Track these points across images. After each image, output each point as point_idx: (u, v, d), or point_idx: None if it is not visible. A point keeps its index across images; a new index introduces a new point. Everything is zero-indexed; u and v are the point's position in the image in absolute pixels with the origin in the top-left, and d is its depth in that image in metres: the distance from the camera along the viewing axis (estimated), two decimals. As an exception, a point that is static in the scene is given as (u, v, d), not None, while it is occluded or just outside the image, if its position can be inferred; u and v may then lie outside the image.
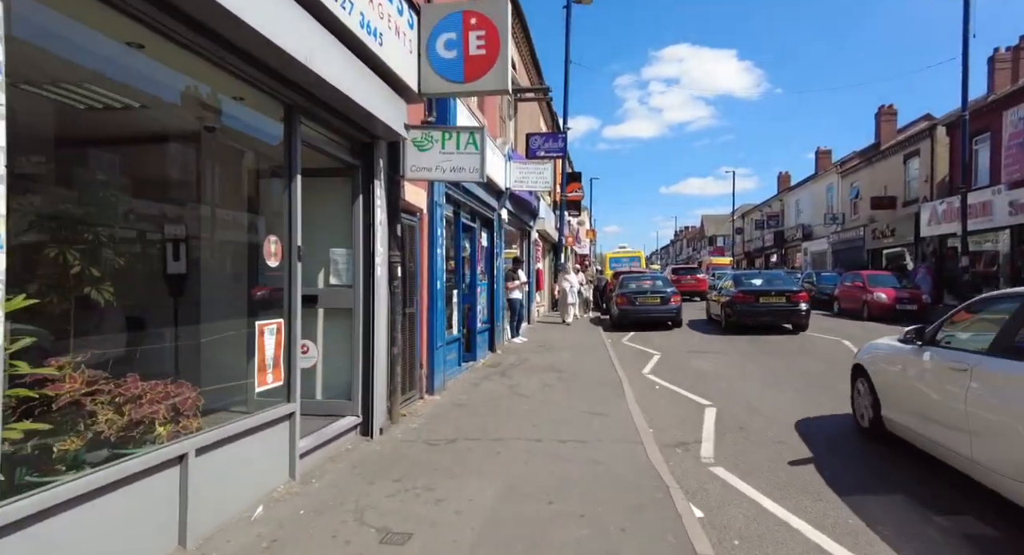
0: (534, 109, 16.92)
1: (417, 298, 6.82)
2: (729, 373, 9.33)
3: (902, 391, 4.99)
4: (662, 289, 15.95)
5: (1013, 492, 3.42)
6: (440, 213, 7.28)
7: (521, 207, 13.63)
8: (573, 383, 8.21)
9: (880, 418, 5.30)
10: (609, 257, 31.76)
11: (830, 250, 35.59)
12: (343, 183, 5.30)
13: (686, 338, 14.06)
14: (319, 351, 5.35)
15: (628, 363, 10.27)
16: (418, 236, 6.87)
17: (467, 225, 9.33)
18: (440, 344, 7.23)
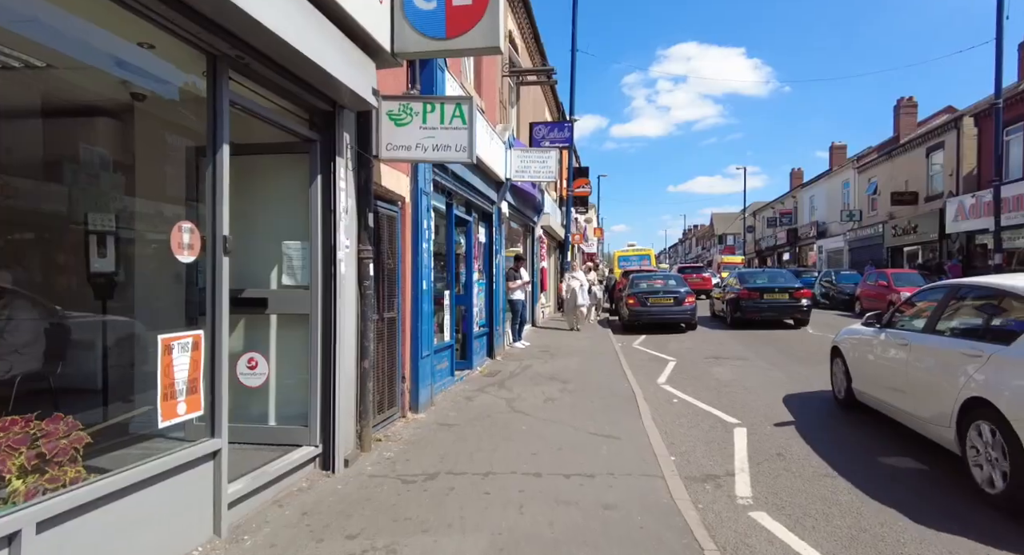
0: (538, 97, 15.93)
1: (398, 301, 5.88)
2: (754, 383, 8.33)
3: (866, 366, 6.07)
4: (675, 289, 14.93)
5: (934, 434, 4.70)
6: (427, 203, 6.33)
7: (524, 201, 12.66)
8: (580, 396, 7.24)
9: (852, 391, 6.37)
10: (618, 255, 30.67)
11: (847, 248, 34.37)
12: (298, 162, 4.36)
13: (702, 342, 13.05)
14: (271, 366, 4.41)
15: (641, 371, 9.28)
16: (399, 229, 5.92)
17: (461, 218, 8.38)
18: (427, 353, 6.29)
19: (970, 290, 4.98)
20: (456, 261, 8.30)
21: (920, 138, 26.63)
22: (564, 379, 8.29)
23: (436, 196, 7.14)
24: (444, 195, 7.47)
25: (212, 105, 3.23)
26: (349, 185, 4.61)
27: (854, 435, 5.69)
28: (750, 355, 10.81)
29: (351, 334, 4.64)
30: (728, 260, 45.83)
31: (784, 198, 47.61)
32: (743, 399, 7.35)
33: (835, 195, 37.09)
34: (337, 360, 4.35)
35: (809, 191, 42.31)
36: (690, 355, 11.12)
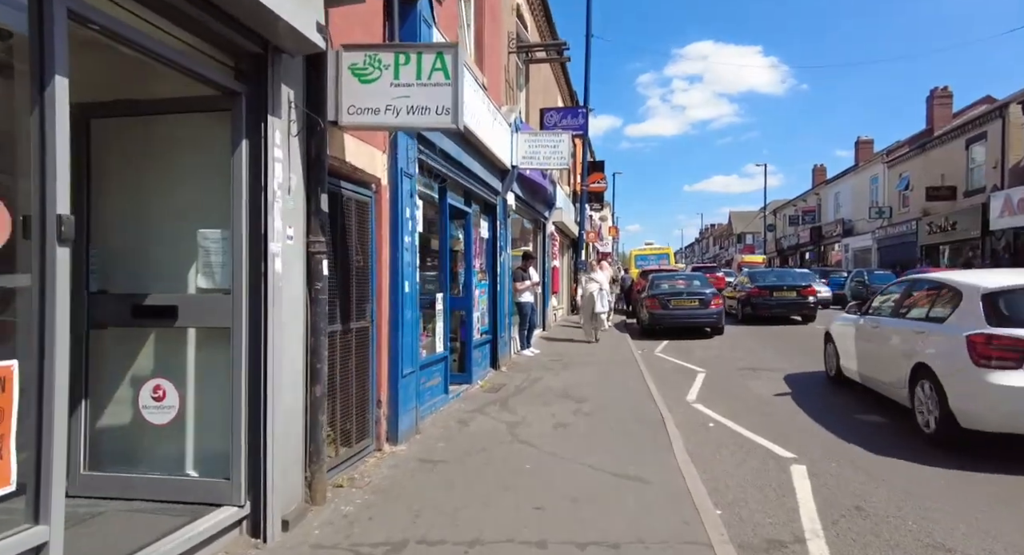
0: (549, 83, 14.75)
1: (372, 307, 4.75)
2: (800, 401, 7.08)
3: (850, 346, 7.23)
4: (700, 290, 13.66)
5: (895, 395, 6.06)
6: (410, 187, 5.20)
7: (534, 193, 11.49)
8: (597, 420, 6.06)
9: (840, 368, 7.57)
10: (634, 254, 29.32)
11: (875, 246, 32.71)
12: (217, 123, 3.24)
13: (731, 348, 11.77)
14: (188, 397, 3.30)
15: (667, 385, 8.06)
16: (373, 218, 4.79)
17: (458, 209, 7.23)
18: (410, 370, 5.15)
19: (923, 283, 6.46)
20: (452, 259, 7.17)
21: (958, 129, 25.00)
22: (578, 397, 7.10)
23: (425, 180, 6.01)
24: (435, 180, 6.33)
25: (35, 18, 2.11)
26: (291, 156, 3.48)
27: (831, 400, 7.12)
28: (789, 367, 9.52)
29: (293, 352, 3.51)
30: (749, 259, 44.23)
31: (807, 195, 45.88)
32: (793, 423, 6.11)
33: (862, 191, 35.40)
34: (270, 388, 3.22)
35: (834, 188, 40.61)
36: (720, 365, 9.87)
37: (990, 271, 8.01)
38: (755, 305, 16.03)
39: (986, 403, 4.73)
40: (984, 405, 4.75)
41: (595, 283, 12.16)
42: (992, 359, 4.72)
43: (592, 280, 12.34)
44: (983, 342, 4.78)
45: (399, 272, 4.97)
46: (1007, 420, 4.68)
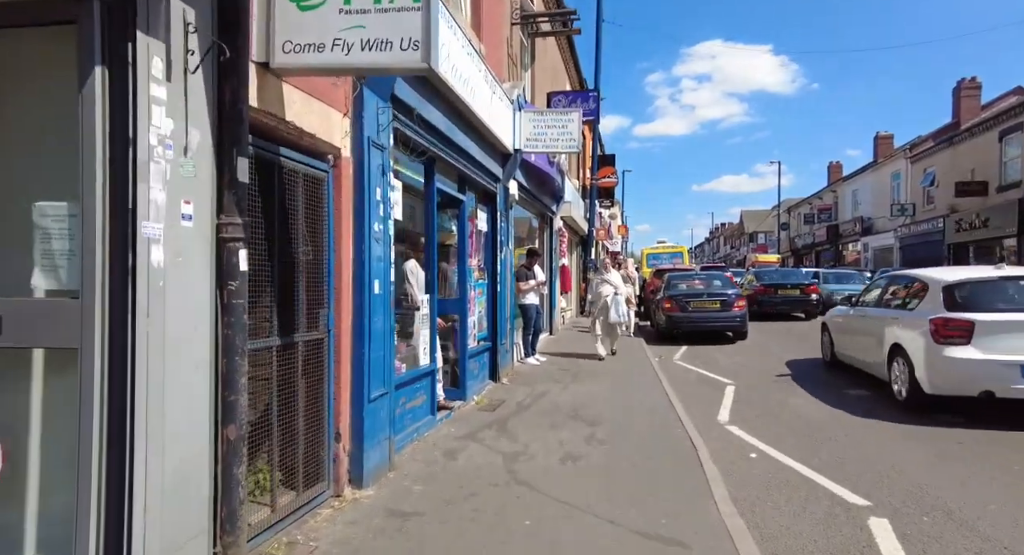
0: (558, 67, 13.65)
1: (328, 313, 3.69)
2: (854, 423, 5.97)
3: (842, 334, 8.59)
4: (722, 291, 12.52)
5: (877, 372, 7.08)
6: (382, 161, 4.14)
7: (540, 184, 10.40)
8: (615, 449, 4.97)
9: (834, 354, 8.86)
10: (646, 253, 28.11)
11: (897, 245, 31.30)
12: (58, 42, 2.19)
13: (758, 355, 10.63)
14: (29, 449, 2.26)
15: (693, 401, 6.97)
16: (330, 199, 3.74)
17: (451, 196, 6.17)
18: (381, 392, 4.09)
19: (901, 278, 7.47)
20: (441, 254, 6.10)
21: (990, 121, 23.66)
22: (591, 417, 6.02)
23: (404, 157, 4.96)
24: (420, 158, 5.27)
25: None
26: (190, 102, 2.43)
27: (827, 379, 8.19)
28: (830, 380, 8.38)
29: (192, 381, 2.46)
30: (763, 259, 42.95)
31: (822, 193, 44.44)
32: (855, 454, 5.00)
33: (882, 188, 33.99)
34: (147, 434, 2.18)
35: (851, 185, 39.20)
36: (749, 375, 8.74)
37: (953, 268, 9.08)
38: (761, 303, 16.56)
39: (943, 372, 5.86)
40: (942, 374, 5.88)
41: (608, 285, 9.88)
42: (948, 337, 5.83)
43: (605, 281, 9.99)
44: (942, 324, 5.91)
45: (366, 268, 3.91)
46: (959, 385, 5.83)
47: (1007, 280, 6.23)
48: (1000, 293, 6.13)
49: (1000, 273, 6.37)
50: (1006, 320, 5.74)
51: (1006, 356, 5.56)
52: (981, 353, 5.67)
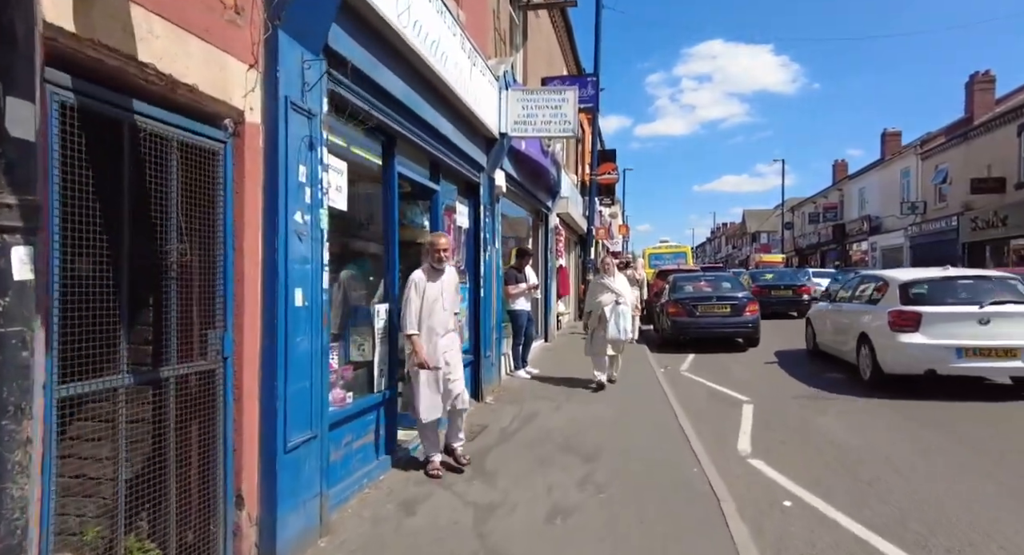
0: (554, 51, 12.65)
1: (225, 334, 2.70)
2: (898, 453, 4.97)
3: (822, 326, 9.79)
4: (732, 294, 11.51)
5: (849, 358, 8.27)
6: (309, 132, 3.14)
7: (533, 176, 9.40)
8: (614, 497, 3.97)
9: (816, 343, 10.06)
10: (648, 253, 27.04)
11: (907, 244, 30.26)
12: None
13: (774, 367, 9.63)
14: None
15: (706, 424, 5.98)
16: (227, 179, 2.74)
17: (419, 185, 5.18)
18: (303, 436, 3.09)
19: (869, 277, 9.01)
20: (409, 254, 5.11)
21: (1009, 114, 22.65)
22: (588, 449, 5.01)
23: (351, 132, 3.97)
24: (375, 135, 4.29)
25: None
26: None
27: (810, 365, 9.40)
28: (857, 389, 7.37)
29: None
30: (767, 259, 41.96)
31: (828, 191, 43.40)
32: (903, 489, 4.00)
33: (891, 186, 32.98)
34: None
35: (858, 183, 38.18)
36: (767, 389, 7.74)
37: (910, 269, 11.01)
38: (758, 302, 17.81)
39: (895, 355, 7.06)
40: (895, 357, 7.08)
41: (608, 293, 7.38)
42: (901, 326, 6.97)
43: (604, 288, 7.44)
44: (897, 315, 7.06)
45: (281, 273, 2.92)
46: (909, 365, 6.97)
47: (949, 279, 7.59)
48: (944, 290, 7.37)
49: (945, 274, 7.84)
50: (946, 312, 6.98)
51: (945, 341, 6.80)
52: (926, 339, 6.89)
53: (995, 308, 6.81)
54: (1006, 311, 6.81)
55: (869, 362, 7.54)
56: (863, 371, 7.75)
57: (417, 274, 4.28)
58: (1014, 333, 6.70)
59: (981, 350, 6.72)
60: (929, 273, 8.04)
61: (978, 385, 7.37)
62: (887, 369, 7.22)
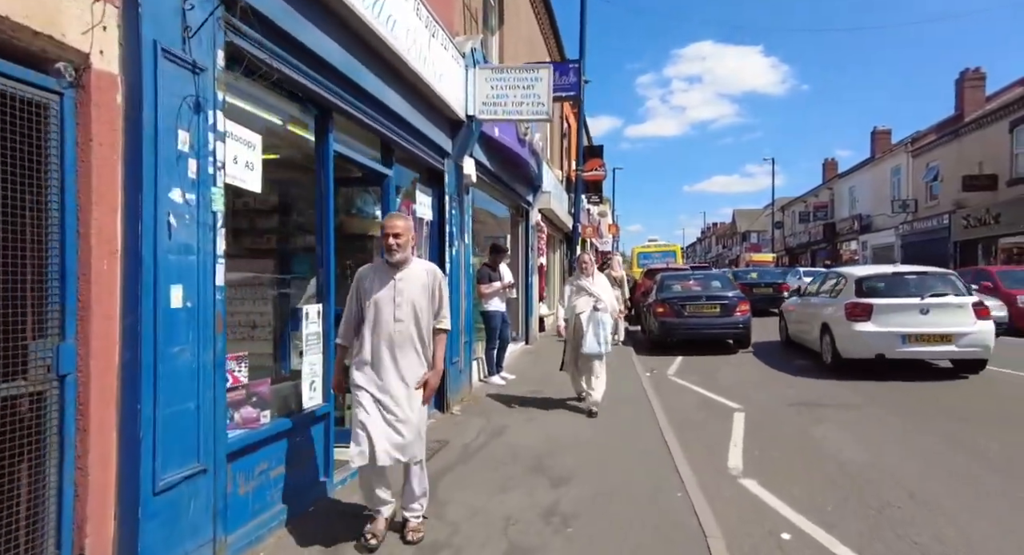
0: (535, 38, 12.02)
1: (64, 344, 2.06)
2: (908, 472, 4.39)
3: (792, 318, 10.65)
4: (722, 294, 10.96)
5: (814, 346, 9.13)
6: (195, 91, 2.51)
7: (510, 167, 8.78)
8: (584, 531, 3.36)
9: (788, 335, 10.91)
10: (637, 252, 26.48)
11: (898, 243, 29.95)
12: None
13: (766, 368, 9.08)
14: None
15: (693, 436, 5.40)
16: (67, 144, 2.09)
17: (368, 169, 4.54)
18: (184, 473, 2.43)
19: (832, 274, 9.97)
20: (355, 248, 4.47)
21: (1000, 111, 22.32)
22: (559, 470, 4.39)
23: (272, 101, 3.33)
24: (307, 107, 3.65)
25: None
26: None
27: (783, 354, 10.25)
28: (856, 397, 6.82)
29: None
30: (757, 258, 41.74)
31: (818, 190, 43.16)
32: (914, 514, 3.42)
33: (882, 184, 32.71)
34: None
35: (848, 181, 37.94)
36: (760, 394, 7.18)
37: (866, 266, 12.59)
38: None
39: (850, 342, 8.02)
40: (850, 343, 8.03)
41: (585, 296, 6.08)
42: (856, 316, 7.91)
43: (581, 290, 6.13)
44: (852, 306, 8.01)
45: (148, 266, 2.28)
46: (862, 350, 7.91)
47: (898, 275, 8.62)
48: (893, 284, 8.27)
49: (895, 270, 9.02)
50: (893, 303, 7.88)
51: (892, 328, 7.71)
52: (876, 327, 7.78)
53: (934, 300, 7.77)
54: (943, 302, 7.76)
55: (830, 348, 8.51)
56: (825, 356, 8.71)
57: (363, 269, 3.34)
58: (949, 321, 7.64)
59: (921, 336, 7.65)
60: (881, 269, 9.27)
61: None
62: (844, 354, 8.14)
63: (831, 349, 8.41)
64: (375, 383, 3.11)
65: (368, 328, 3.15)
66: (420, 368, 3.20)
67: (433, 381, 3.24)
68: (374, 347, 3.12)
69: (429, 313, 3.24)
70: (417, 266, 3.28)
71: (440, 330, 3.30)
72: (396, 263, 3.18)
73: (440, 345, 3.31)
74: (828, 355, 8.55)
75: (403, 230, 3.15)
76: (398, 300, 3.14)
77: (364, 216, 4.94)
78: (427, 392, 3.22)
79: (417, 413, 3.16)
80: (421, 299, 3.19)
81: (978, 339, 7.58)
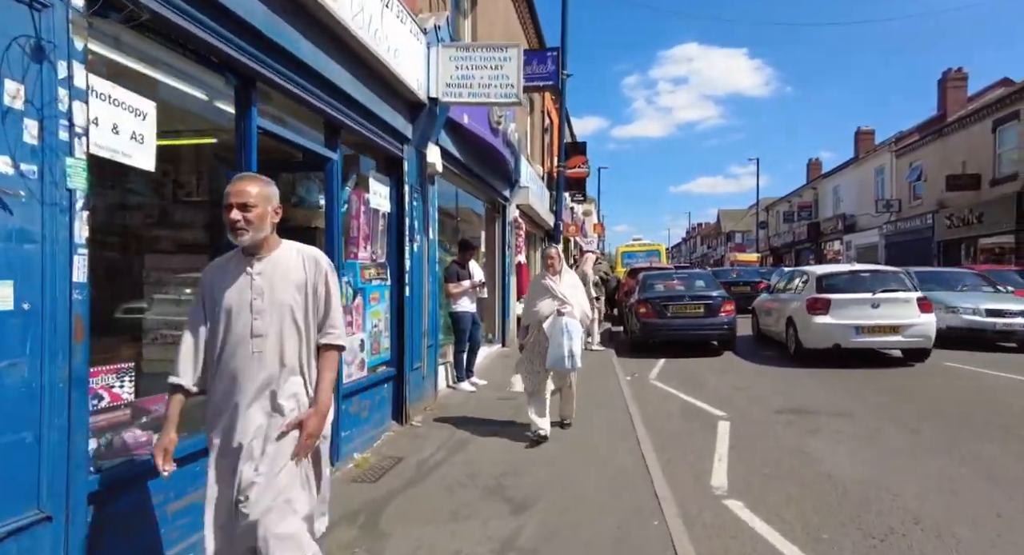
0: (511, 26, 11.50)
1: None
2: (906, 485, 3.96)
3: (763, 314, 11.39)
4: (706, 293, 10.54)
5: (780, 338, 10.07)
6: (39, 30, 1.98)
7: (483, 159, 8.26)
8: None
9: (759, 330, 11.72)
10: (621, 251, 26.08)
11: (882, 243, 29.91)
12: None
13: (753, 372, 8.67)
14: None
15: (675, 450, 4.93)
16: None
17: (306, 151, 4.00)
18: (11, 525, 1.89)
19: (798, 272, 10.74)
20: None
21: (982, 110, 22.26)
22: (522, 493, 3.89)
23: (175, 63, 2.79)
24: (224, 75, 3.11)
25: None
26: None
27: (754, 347, 10.92)
28: (851, 405, 6.41)
29: None
30: (742, 258, 41.62)
31: (802, 190, 43.18)
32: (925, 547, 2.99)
33: (866, 184, 32.71)
34: None
35: (832, 181, 37.95)
36: (746, 402, 6.74)
37: (827, 265, 13.33)
38: None
39: (811, 333, 8.89)
40: (810, 334, 8.91)
41: (550, 298, 5.05)
42: (816, 310, 8.80)
43: (545, 291, 5.11)
44: (812, 301, 8.90)
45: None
46: (821, 340, 8.77)
47: (854, 272, 9.59)
48: (850, 281, 9.17)
49: (850, 268, 10.01)
50: (849, 298, 8.72)
51: (847, 321, 8.55)
52: (834, 319, 8.62)
53: (884, 295, 8.65)
54: (892, 297, 8.65)
55: (793, 340, 9.36)
56: (789, 347, 9.55)
57: (208, 267, 2.31)
58: (897, 314, 8.55)
59: (873, 328, 8.53)
60: (840, 268, 10.30)
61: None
62: (806, 344, 8.99)
63: (795, 340, 9.26)
64: (222, 440, 2.14)
65: (216, 352, 2.17)
66: (293, 407, 2.16)
67: (313, 424, 2.14)
68: (227, 388, 2.14)
69: (308, 321, 2.22)
70: (286, 252, 2.25)
71: (328, 347, 2.25)
72: (250, 249, 2.18)
73: (327, 370, 2.23)
74: (792, 345, 9.41)
75: (256, 199, 2.13)
76: (257, 304, 2.14)
77: (307, 206, 4.41)
78: (303, 440, 2.12)
79: (287, 478, 2.08)
80: (292, 299, 2.18)
81: (922, 330, 8.50)
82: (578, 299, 5.12)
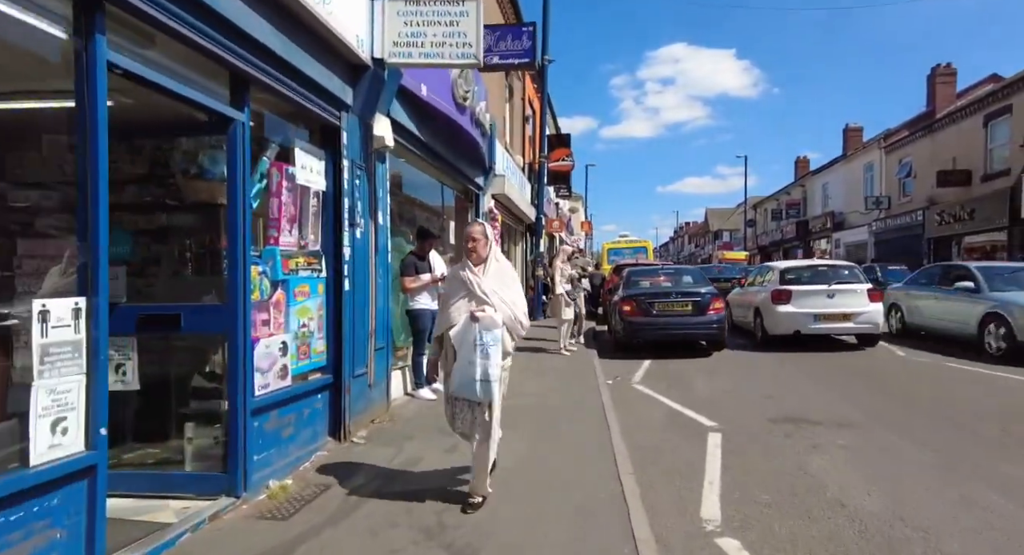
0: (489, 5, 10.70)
1: None
2: (936, 518, 3.24)
3: (735, 306, 12.02)
4: (694, 290, 9.83)
5: (747, 327, 11.21)
6: None
7: (448, 139, 7.45)
8: None
9: (732, 321, 11.64)
10: (607, 248, 25.34)
11: (872, 240, 29.48)
12: None
13: (743, 374, 7.97)
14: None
15: (658, 471, 4.20)
16: None
17: (194, 105, 3.19)
18: None
19: (765, 268, 12.29)
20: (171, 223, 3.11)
21: (972, 106, 21.83)
22: (465, 535, 3.10)
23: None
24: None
25: None
26: None
27: (731, 336, 10.49)
28: (853, 413, 5.71)
29: None
30: (730, 256, 41.13)
31: (790, 188, 42.82)
32: None
33: (855, 181, 32.28)
34: None
35: (821, 179, 37.57)
36: (739, 411, 6.01)
37: (790, 261, 16.59)
38: None
39: (775, 321, 9.89)
40: (774, 322, 9.90)
41: (465, 298, 3.50)
42: (779, 300, 9.81)
43: (461, 287, 3.55)
44: (776, 292, 9.93)
45: None
46: (783, 327, 9.79)
47: (812, 266, 10.92)
48: (809, 274, 10.35)
49: (809, 263, 11.80)
50: (809, 289, 9.79)
51: (807, 309, 9.63)
52: (795, 308, 9.69)
53: (838, 286, 9.75)
54: (845, 288, 9.74)
55: (759, 328, 10.37)
56: (756, 335, 10.56)
57: None
58: (849, 303, 9.62)
59: (828, 315, 9.60)
60: (801, 263, 11.99)
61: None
62: (770, 331, 10.03)
63: (760, 328, 10.29)
64: None
65: None
66: None
67: None
68: None
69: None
70: None
71: None
72: None
73: None
74: (758, 333, 10.41)
75: None
76: None
77: (210, 178, 3.60)
78: None
79: None
80: None
81: (870, 318, 9.65)
82: (508, 298, 3.53)
